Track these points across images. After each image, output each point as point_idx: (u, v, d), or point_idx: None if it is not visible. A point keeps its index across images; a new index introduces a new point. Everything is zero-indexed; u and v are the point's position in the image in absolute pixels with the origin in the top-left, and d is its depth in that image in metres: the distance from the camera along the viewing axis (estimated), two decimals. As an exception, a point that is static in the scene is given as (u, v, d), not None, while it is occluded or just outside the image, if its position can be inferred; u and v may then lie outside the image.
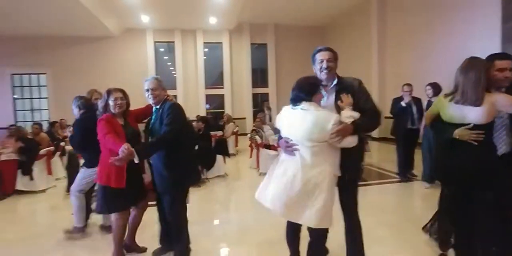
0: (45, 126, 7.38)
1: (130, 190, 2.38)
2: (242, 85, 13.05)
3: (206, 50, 12.84)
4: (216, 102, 13.28)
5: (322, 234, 2.13)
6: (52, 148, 5.57)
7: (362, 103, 1.95)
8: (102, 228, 3.28)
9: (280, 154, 2.11)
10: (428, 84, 4.44)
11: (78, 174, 3.15)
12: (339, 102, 1.91)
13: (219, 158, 5.43)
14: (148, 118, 2.59)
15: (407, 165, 4.98)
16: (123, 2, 9.27)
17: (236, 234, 3.22)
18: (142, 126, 2.63)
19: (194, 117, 9.48)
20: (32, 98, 11.83)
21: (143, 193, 2.56)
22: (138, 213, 2.64)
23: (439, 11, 7.63)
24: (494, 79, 1.92)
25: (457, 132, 1.88)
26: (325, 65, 1.94)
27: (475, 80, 1.82)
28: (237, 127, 8.31)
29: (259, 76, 13.60)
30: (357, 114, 1.83)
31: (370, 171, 5.78)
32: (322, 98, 1.97)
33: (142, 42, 12.16)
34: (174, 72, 12.76)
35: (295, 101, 1.90)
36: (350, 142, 1.82)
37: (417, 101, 4.81)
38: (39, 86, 11.80)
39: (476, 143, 1.84)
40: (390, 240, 2.89)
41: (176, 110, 2.37)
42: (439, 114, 2.05)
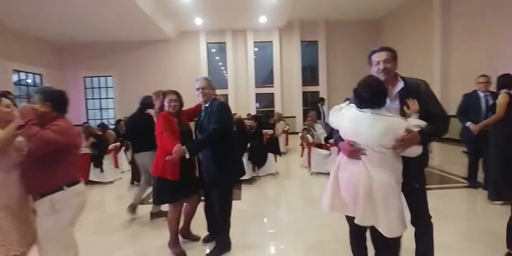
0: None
1: (183, 182, 2.55)
2: (292, 83, 12.97)
3: (256, 49, 12.99)
4: (265, 100, 13.38)
5: (395, 242, 1.97)
6: (118, 143, 6.10)
7: (430, 108, 1.82)
8: (152, 215, 3.55)
9: (335, 155, 2.07)
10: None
11: None
12: (405, 108, 1.80)
13: (271, 156, 5.46)
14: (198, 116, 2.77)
15: (478, 169, 4.49)
16: (179, 6, 9.80)
17: (283, 232, 3.21)
18: (192, 124, 2.80)
19: (244, 116, 9.69)
20: (100, 98, 13.09)
21: (196, 186, 2.71)
22: (192, 204, 2.80)
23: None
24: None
25: None
26: (381, 66, 1.82)
27: None
28: (287, 126, 8.29)
29: (309, 74, 13.39)
30: (423, 123, 1.73)
31: (431, 174, 5.36)
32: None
33: (195, 43, 12.72)
34: (225, 71, 13.14)
35: (366, 103, 1.76)
36: (415, 152, 1.74)
37: (494, 95, 3.95)
38: (107, 87, 13.02)
39: None
40: (465, 250, 2.64)
41: (223, 109, 2.54)
42: None
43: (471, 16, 8.16)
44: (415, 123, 1.71)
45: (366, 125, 1.75)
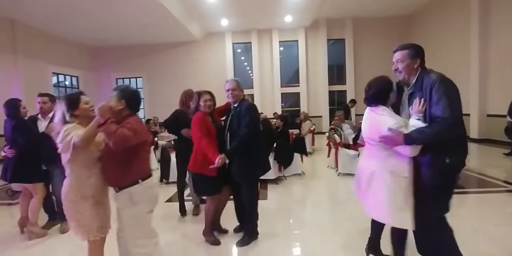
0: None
1: (218, 177, 2.76)
2: (318, 82, 12.78)
3: (282, 49, 12.93)
4: (291, 100, 13.29)
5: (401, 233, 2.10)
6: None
7: (433, 108, 1.74)
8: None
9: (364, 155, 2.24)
10: None
11: None
12: (411, 108, 1.85)
13: (297, 156, 5.41)
14: (227, 114, 2.99)
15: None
16: (206, 9, 9.96)
17: (309, 233, 3.17)
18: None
19: (270, 115, 9.68)
20: (131, 99, 13.59)
21: (226, 180, 2.90)
22: (223, 198, 2.98)
23: None
24: None
25: None
26: (394, 67, 1.93)
27: None
28: (313, 125, 8.18)
29: (336, 73, 13.14)
30: (421, 125, 1.76)
31: (468, 177, 5.06)
32: (394, 96, 1.97)
33: (221, 44, 12.87)
34: (250, 71, 13.20)
35: (370, 100, 1.98)
36: (404, 151, 1.81)
37: None
38: (137, 88, 13.45)
39: None
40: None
41: (252, 111, 2.76)
42: None
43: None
44: (412, 124, 1.79)
45: (364, 120, 2.05)
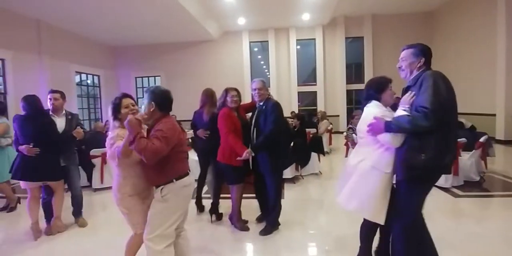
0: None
1: (243, 168, 3.05)
2: (335, 81, 12.61)
3: (298, 47, 12.82)
4: (308, 99, 13.17)
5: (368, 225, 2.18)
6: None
7: (417, 98, 1.78)
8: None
9: None
10: None
11: None
12: (400, 102, 1.92)
13: (314, 156, 5.37)
14: (252, 111, 3.25)
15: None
16: (223, 7, 10.00)
17: (324, 233, 3.15)
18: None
19: (287, 114, 9.63)
20: (149, 97, 13.85)
21: (249, 171, 3.19)
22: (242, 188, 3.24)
23: None
24: None
25: None
26: (398, 65, 2.00)
27: None
28: (331, 125, 8.08)
29: (354, 71, 12.92)
30: (404, 113, 1.82)
31: (493, 180, 4.88)
32: (392, 96, 2.06)
33: (238, 43, 12.90)
34: (267, 70, 13.17)
35: (366, 99, 2.10)
36: (384, 140, 1.87)
37: None
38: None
39: None
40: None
41: (277, 109, 3.00)
42: None
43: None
44: (396, 114, 1.85)
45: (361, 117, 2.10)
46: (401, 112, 1.82)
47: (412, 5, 11.09)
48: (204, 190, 3.87)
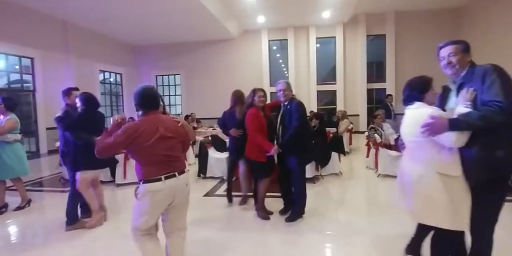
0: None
1: (269, 163, 3.36)
2: (355, 80, 12.37)
3: (318, 45, 12.66)
4: (326, 98, 13.00)
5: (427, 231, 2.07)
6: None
7: (484, 94, 1.64)
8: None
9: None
10: None
11: None
12: (457, 98, 1.79)
13: (334, 155, 5.29)
14: (276, 110, 3.48)
15: None
16: (243, 6, 10.01)
17: (342, 234, 3.09)
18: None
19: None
20: (169, 95, 14.11)
21: (274, 166, 3.50)
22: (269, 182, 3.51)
23: None
24: None
25: None
26: (446, 61, 1.86)
27: None
28: (351, 124, 7.94)
29: (375, 70, 12.63)
30: (469, 110, 1.67)
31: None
32: (435, 96, 1.96)
33: (257, 41, 12.88)
34: (285, 69, 13.09)
35: (406, 101, 1.98)
36: (448, 140, 1.70)
37: None
38: (175, 85, 13.98)
39: None
40: None
41: (301, 108, 3.25)
42: None
43: None
44: (458, 111, 1.70)
45: (405, 120, 1.97)
46: (463, 109, 1.69)
47: (438, 1, 10.70)
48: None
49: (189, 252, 2.60)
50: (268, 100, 3.57)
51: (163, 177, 1.95)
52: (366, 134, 5.93)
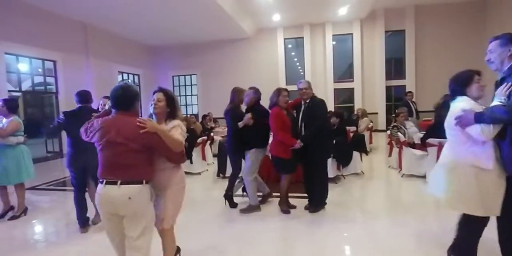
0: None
1: (292, 160, 3.50)
2: (374, 77, 12.09)
3: (334, 43, 12.45)
4: (343, 96, 12.77)
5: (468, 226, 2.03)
6: (205, 137, 6.50)
7: None
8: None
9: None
10: None
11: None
12: (496, 93, 1.83)
13: (356, 155, 5.16)
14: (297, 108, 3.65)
15: None
16: (259, 4, 9.94)
17: (359, 235, 3.00)
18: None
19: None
20: (186, 95, 14.23)
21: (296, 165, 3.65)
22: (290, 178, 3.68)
23: None
24: None
25: None
26: (487, 57, 1.93)
27: None
28: (371, 123, 7.75)
29: (394, 67, 12.30)
30: (494, 105, 1.75)
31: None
32: (481, 89, 1.96)
33: (273, 40, 12.79)
34: (300, 67, 12.94)
35: (451, 95, 2.05)
36: (475, 132, 1.79)
37: None
38: (191, 85, 14.08)
39: None
40: None
41: (322, 105, 3.51)
42: None
43: None
44: (491, 105, 1.78)
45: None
46: (496, 104, 1.76)
47: (460, -6, 10.31)
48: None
49: (217, 246, 2.80)
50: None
51: (105, 181, 1.85)
52: (388, 132, 5.76)
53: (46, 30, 8.40)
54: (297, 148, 3.37)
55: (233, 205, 3.88)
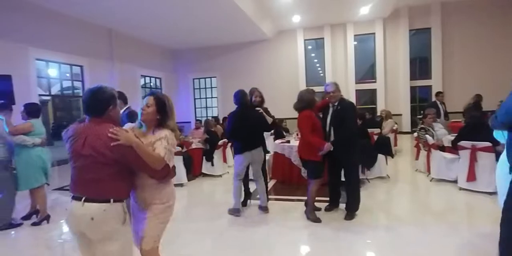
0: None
1: (322, 163, 3.44)
2: (397, 77, 11.72)
3: (355, 43, 12.19)
4: (365, 97, 12.47)
5: None
6: (226, 140, 6.50)
7: None
8: (260, 208, 3.84)
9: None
10: None
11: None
12: None
13: (381, 158, 4.99)
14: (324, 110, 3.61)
15: None
16: (278, 6, 9.90)
17: (383, 243, 2.85)
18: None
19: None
20: (206, 98, 14.37)
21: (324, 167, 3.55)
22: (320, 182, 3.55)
23: None
24: None
25: None
26: None
27: None
28: (396, 125, 7.49)
29: (418, 66, 11.89)
30: None
31: None
32: None
33: (293, 41, 12.68)
34: (320, 68, 12.76)
35: None
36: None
37: None
38: (211, 87, 14.21)
39: None
40: None
41: (351, 109, 3.46)
42: None
43: None
44: None
45: None
46: None
47: (491, -11, 9.83)
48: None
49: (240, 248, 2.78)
50: None
51: (71, 196, 1.65)
52: (415, 134, 5.54)
53: (73, 36, 8.73)
54: (325, 152, 3.27)
55: (243, 203, 4.01)
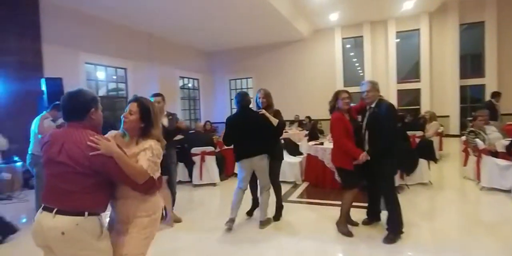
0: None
1: (357, 172, 3.05)
2: (445, 76, 10.88)
3: (398, 40, 11.53)
4: (408, 97, 11.73)
5: None
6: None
7: None
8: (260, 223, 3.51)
9: None
10: None
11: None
12: None
13: (422, 163, 4.64)
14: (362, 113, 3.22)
15: None
16: (315, 4, 9.67)
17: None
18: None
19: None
20: (241, 99, 14.48)
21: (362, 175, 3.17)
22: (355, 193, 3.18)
23: None
24: None
25: None
26: None
27: None
28: (441, 127, 6.94)
29: (469, 63, 10.94)
30: None
31: None
32: None
33: (330, 40, 12.34)
34: (359, 68, 12.25)
35: None
36: None
37: None
38: (247, 88, 14.31)
39: None
40: None
41: (392, 114, 3.01)
42: None
43: None
44: None
45: None
46: None
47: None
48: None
49: None
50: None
51: (42, 206, 1.49)
52: (463, 138, 5.08)
53: (118, 40, 9.28)
54: (360, 162, 2.93)
55: (249, 213, 3.84)
